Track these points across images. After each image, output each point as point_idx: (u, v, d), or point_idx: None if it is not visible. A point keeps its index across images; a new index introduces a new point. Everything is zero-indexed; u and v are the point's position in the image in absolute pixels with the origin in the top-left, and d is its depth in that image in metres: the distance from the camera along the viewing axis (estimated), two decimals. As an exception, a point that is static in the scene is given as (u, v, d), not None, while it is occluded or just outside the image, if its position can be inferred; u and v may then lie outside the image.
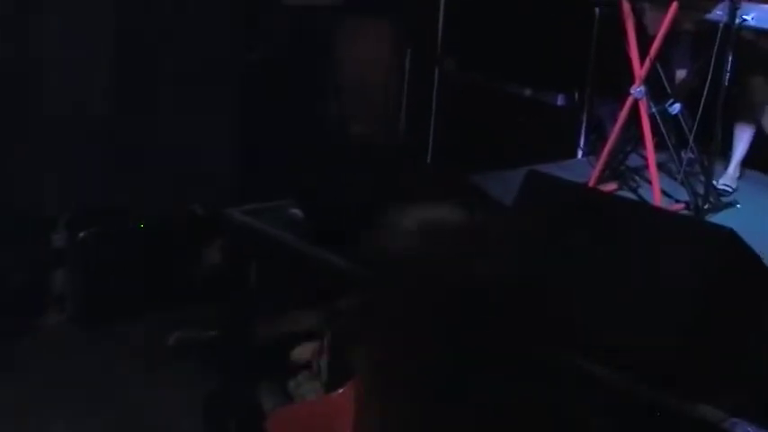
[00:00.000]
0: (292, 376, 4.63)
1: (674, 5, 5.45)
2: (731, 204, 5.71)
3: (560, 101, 6.94)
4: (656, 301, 3.40)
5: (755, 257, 3.49)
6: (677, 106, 5.70)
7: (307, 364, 4.66)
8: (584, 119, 6.80)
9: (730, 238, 3.45)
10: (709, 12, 5.53)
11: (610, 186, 5.80)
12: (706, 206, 5.47)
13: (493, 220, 1.99)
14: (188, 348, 5.29)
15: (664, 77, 5.79)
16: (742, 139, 6.10)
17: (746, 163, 6.20)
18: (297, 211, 4.59)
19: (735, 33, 5.35)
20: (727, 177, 6.05)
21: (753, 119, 6.07)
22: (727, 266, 3.40)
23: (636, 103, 5.60)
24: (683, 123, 5.75)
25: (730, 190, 5.96)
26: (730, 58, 5.36)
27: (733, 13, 5.31)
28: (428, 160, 6.50)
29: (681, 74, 6.07)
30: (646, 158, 5.68)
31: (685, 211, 5.47)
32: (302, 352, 4.73)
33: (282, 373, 4.60)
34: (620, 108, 5.71)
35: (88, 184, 5.69)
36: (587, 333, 3.36)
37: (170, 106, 5.74)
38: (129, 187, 5.68)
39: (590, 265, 3.60)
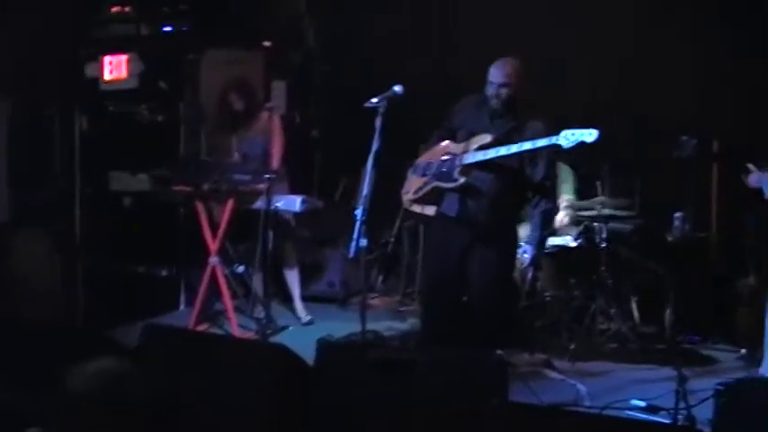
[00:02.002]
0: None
1: (231, 202, 5.75)
2: (285, 328, 6.04)
3: (164, 272, 6.97)
4: (239, 398, 3.51)
5: (301, 361, 3.74)
6: (242, 267, 5.96)
7: None
8: (182, 282, 6.90)
9: (283, 350, 3.73)
10: (254, 202, 5.81)
11: (203, 326, 5.94)
12: (269, 331, 5.73)
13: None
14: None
15: (230, 248, 6.02)
16: (294, 281, 6.34)
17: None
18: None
19: (272, 215, 5.67)
20: (299, 311, 6.31)
21: (295, 265, 6.35)
22: (282, 368, 3.61)
23: (214, 268, 5.79)
24: (247, 278, 5.96)
25: (306, 319, 6.22)
26: (270, 233, 5.64)
27: (268, 202, 5.65)
28: (79, 324, 6.31)
29: (243, 245, 6.24)
30: (226, 305, 5.85)
31: (256, 336, 5.68)
32: None
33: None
34: (205, 272, 5.84)
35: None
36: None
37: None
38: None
39: (193, 380, 3.64)
